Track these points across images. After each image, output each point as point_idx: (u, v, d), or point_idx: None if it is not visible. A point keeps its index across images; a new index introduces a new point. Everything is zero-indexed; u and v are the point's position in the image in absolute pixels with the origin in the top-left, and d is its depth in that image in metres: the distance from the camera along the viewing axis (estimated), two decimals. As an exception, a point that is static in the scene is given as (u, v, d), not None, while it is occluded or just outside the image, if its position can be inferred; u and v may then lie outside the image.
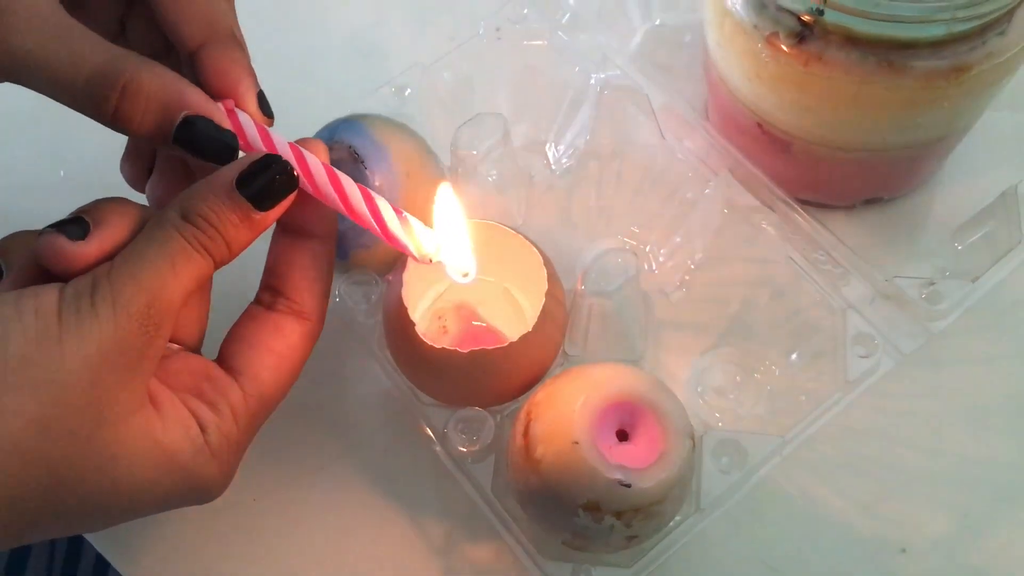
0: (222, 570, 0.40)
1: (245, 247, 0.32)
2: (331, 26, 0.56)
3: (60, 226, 0.30)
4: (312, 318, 0.34)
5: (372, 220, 0.34)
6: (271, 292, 0.34)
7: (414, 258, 0.34)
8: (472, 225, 0.37)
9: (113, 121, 0.31)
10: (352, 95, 0.48)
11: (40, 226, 0.31)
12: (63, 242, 0.30)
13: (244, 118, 0.33)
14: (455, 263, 0.36)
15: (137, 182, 0.37)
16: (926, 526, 0.40)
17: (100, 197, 0.32)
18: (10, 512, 0.28)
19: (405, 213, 0.34)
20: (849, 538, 0.40)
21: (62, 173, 0.51)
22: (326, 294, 0.35)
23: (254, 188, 0.31)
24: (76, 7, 0.32)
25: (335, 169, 0.33)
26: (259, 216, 0.31)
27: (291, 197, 0.32)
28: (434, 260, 0.35)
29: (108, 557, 0.41)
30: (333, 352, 0.44)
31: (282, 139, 0.33)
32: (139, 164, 0.37)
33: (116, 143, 0.37)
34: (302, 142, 0.34)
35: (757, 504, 0.40)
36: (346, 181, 0.33)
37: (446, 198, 0.36)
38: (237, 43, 0.34)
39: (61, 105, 0.32)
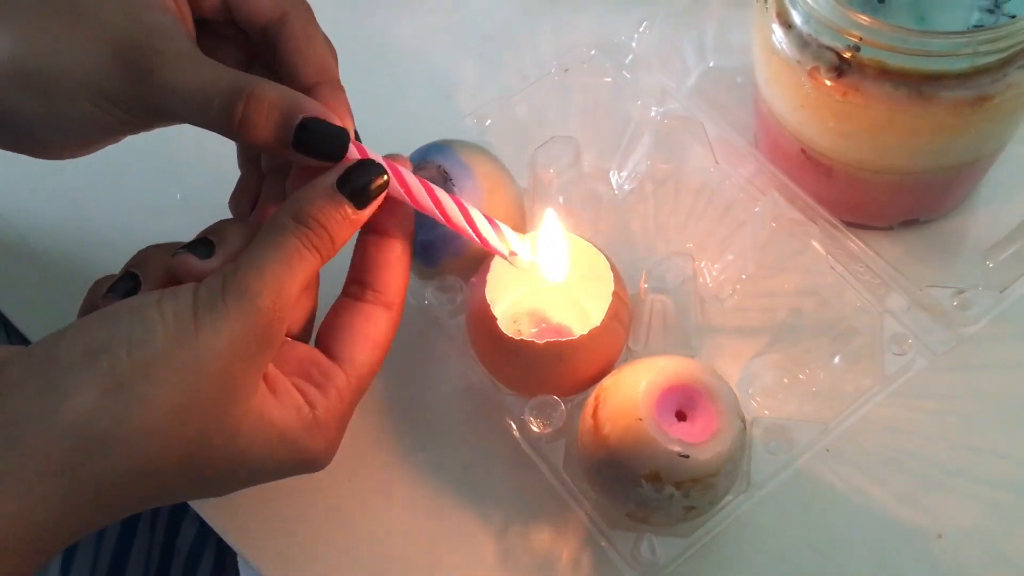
0: (316, 536, 0.45)
1: (344, 243, 0.36)
2: (420, 68, 0.61)
3: (191, 247, 0.35)
4: (396, 307, 0.38)
5: (467, 226, 0.39)
6: (359, 285, 0.38)
7: (502, 255, 0.40)
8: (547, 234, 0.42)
9: (240, 130, 0.35)
10: (439, 125, 0.52)
11: (162, 240, 0.37)
12: (195, 261, 0.35)
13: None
14: (549, 263, 0.41)
15: (242, 217, 0.42)
16: (961, 516, 0.43)
17: (211, 216, 0.37)
18: (153, 482, 0.32)
19: (497, 221, 0.39)
20: (889, 524, 0.43)
21: (179, 196, 0.57)
22: (406, 286, 0.39)
23: (352, 188, 0.36)
24: None
25: (433, 186, 0.38)
26: (356, 215, 0.36)
27: (383, 196, 0.36)
28: (522, 260, 0.40)
29: (214, 526, 0.45)
30: (422, 351, 0.49)
31: (384, 158, 0.38)
32: (243, 202, 0.42)
33: (226, 169, 0.43)
34: (389, 157, 0.38)
35: (804, 492, 0.44)
36: (443, 195, 0.38)
37: (551, 218, 0.42)
38: (342, 88, 0.39)
39: (178, 137, 0.36)
